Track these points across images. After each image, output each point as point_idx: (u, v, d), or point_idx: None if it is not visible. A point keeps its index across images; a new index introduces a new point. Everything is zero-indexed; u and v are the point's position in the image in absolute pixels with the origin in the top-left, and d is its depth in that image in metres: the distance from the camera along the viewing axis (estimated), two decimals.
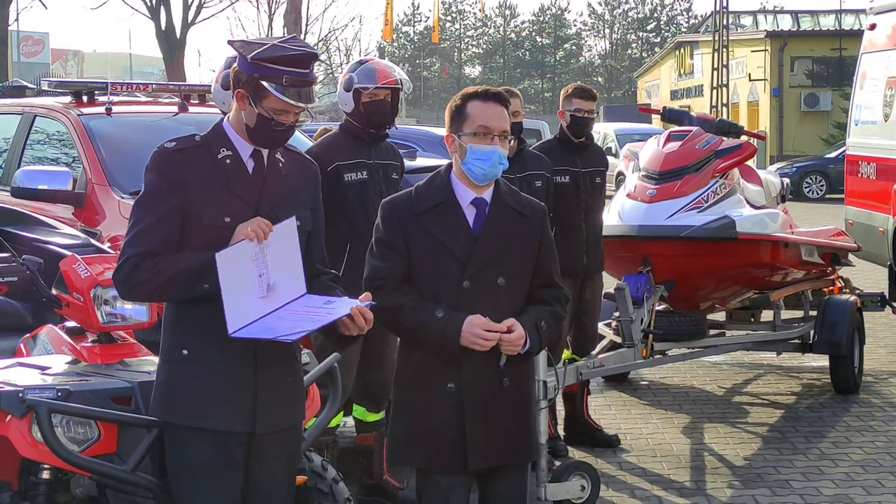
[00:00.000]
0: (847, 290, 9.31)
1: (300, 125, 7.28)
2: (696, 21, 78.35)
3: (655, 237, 7.62)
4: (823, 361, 9.09)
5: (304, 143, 7.42)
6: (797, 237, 8.45)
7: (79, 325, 4.47)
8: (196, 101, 8.43)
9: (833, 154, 31.15)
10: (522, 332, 3.93)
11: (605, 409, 8.28)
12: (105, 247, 5.52)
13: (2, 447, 4.01)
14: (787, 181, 9.70)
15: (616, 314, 7.55)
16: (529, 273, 4.05)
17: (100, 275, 4.31)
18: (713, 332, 8.70)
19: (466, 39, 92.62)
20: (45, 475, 4.04)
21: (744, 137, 8.78)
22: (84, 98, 8.08)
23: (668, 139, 8.16)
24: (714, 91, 38.89)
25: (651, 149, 8.17)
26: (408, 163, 6.77)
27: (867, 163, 11.67)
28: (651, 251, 7.63)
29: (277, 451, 3.84)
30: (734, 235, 7.61)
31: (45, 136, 8.15)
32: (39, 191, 7.23)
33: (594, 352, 7.39)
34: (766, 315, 9.25)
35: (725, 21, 39.42)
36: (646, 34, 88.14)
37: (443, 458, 3.98)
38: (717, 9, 39.77)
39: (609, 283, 7.69)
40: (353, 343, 3.88)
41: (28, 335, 4.76)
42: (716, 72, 38.92)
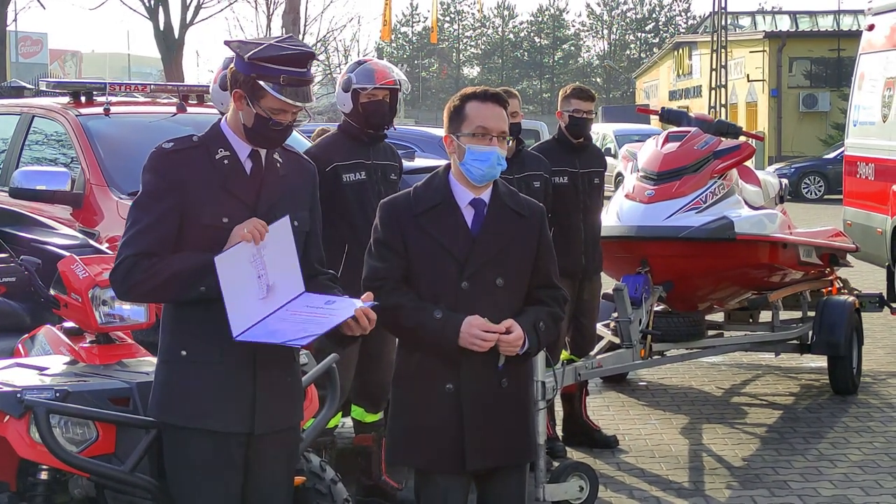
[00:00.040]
0: (845, 291, 9.32)
1: (297, 125, 7.28)
2: (695, 22, 78.36)
3: (654, 238, 7.62)
4: (822, 362, 9.08)
5: (303, 144, 7.42)
6: (795, 238, 8.45)
7: (77, 326, 4.47)
8: (194, 102, 8.44)
9: (831, 155, 31.17)
10: (521, 333, 3.93)
11: (604, 410, 8.28)
12: (103, 247, 5.52)
13: (0, 448, 4.01)
14: (786, 182, 9.69)
15: (614, 315, 7.56)
16: (528, 274, 4.05)
17: (98, 275, 4.31)
18: (711, 333, 8.71)
19: (465, 40, 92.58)
20: (44, 476, 4.04)
21: (742, 138, 8.79)
22: (82, 98, 8.08)
23: (667, 140, 8.16)
24: (712, 92, 38.87)
25: (649, 149, 8.17)
26: (406, 163, 6.78)
27: (865, 163, 11.67)
28: (649, 252, 7.63)
29: (276, 452, 3.83)
30: (732, 236, 7.61)
31: (44, 137, 8.15)
32: (38, 191, 7.23)
33: (592, 352, 7.39)
34: (765, 316, 9.26)
35: (724, 22, 39.40)
36: (644, 35, 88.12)
37: (441, 459, 3.98)
38: (716, 9, 39.75)
39: (608, 284, 7.70)
40: (354, 343, 3.88)
41: (26, 336, 4.76)
42: (714, 72, 38.90)
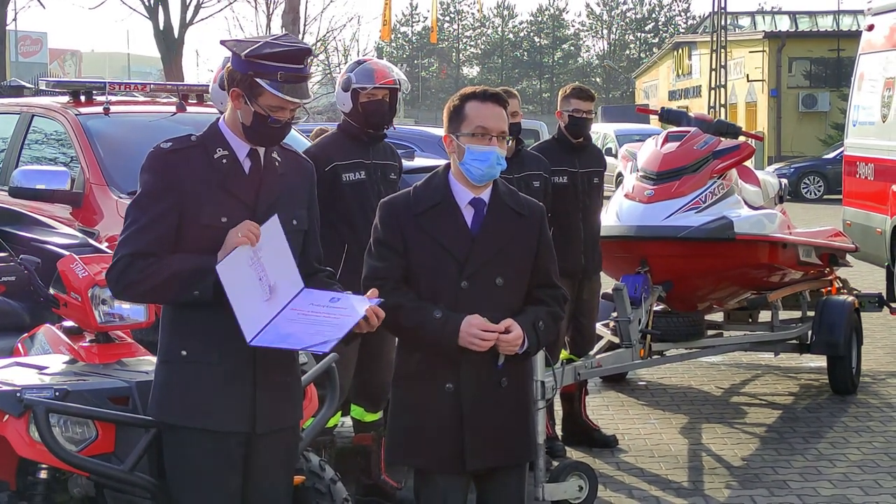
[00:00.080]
0: (845, 291, 9.32)
1: (296, 122, 7.27)
2: (695, 22, 78.34)
3: (653, 238, 7.62)
4: (821, 362, 9.08)
5: (302, 143, 7.42)
6: (795, 238, 8.45)
7: (76, 325, 4.47)
8: (194, 101, 8.43)
9: (831, 155, 31.17)
10: (520, 333, 3.93)
11: (603, 410, 8.28)
12: (103, 246, 5.52)
13: None
14: (785, 182, 9.69)
15: (614, 314, 7.56)
16: (528, 273, 4.04)
17: (97, 275, 4.31)
18: (711, 333, 8.70)
19: (465, 40, 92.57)
20: (43, 475, 4.04)
21: (742, 138, 8.78)
22: (82, 98, 8.07)
23: (667, 140, 8.15)
24: (712, 92, 38.89)
25: (649, 149, 8.16)
26: (406, 163, 6.78)
27: (865, 163, 11.67)
28: (649, 252, 7.62)
29: (276, 451, 3.83)
30: (732, 236, 7.61)
31: (43, 136, 8.15)
32: (37, 190, 7.23)
33: (592, 352, 7.39)
34: (764, 316, 9.26)
35: (723, 22, 39.41)
36: (644, 35, 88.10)
37: (441, 459, 3.98)
38: (715, 10, 39.75)
39: (607, 284, 7.70)
40: (356, 341, 3.88)
41: (26, 335, 4.76)
42: (714, 72, 38.92)
